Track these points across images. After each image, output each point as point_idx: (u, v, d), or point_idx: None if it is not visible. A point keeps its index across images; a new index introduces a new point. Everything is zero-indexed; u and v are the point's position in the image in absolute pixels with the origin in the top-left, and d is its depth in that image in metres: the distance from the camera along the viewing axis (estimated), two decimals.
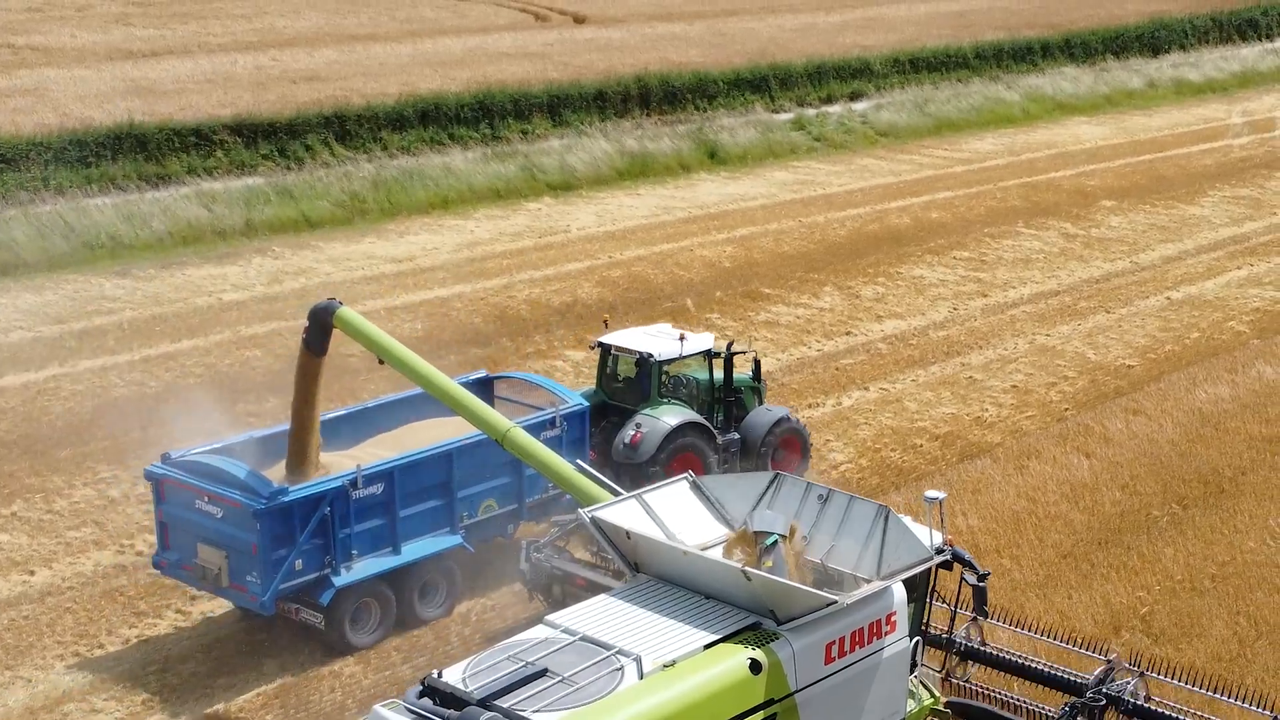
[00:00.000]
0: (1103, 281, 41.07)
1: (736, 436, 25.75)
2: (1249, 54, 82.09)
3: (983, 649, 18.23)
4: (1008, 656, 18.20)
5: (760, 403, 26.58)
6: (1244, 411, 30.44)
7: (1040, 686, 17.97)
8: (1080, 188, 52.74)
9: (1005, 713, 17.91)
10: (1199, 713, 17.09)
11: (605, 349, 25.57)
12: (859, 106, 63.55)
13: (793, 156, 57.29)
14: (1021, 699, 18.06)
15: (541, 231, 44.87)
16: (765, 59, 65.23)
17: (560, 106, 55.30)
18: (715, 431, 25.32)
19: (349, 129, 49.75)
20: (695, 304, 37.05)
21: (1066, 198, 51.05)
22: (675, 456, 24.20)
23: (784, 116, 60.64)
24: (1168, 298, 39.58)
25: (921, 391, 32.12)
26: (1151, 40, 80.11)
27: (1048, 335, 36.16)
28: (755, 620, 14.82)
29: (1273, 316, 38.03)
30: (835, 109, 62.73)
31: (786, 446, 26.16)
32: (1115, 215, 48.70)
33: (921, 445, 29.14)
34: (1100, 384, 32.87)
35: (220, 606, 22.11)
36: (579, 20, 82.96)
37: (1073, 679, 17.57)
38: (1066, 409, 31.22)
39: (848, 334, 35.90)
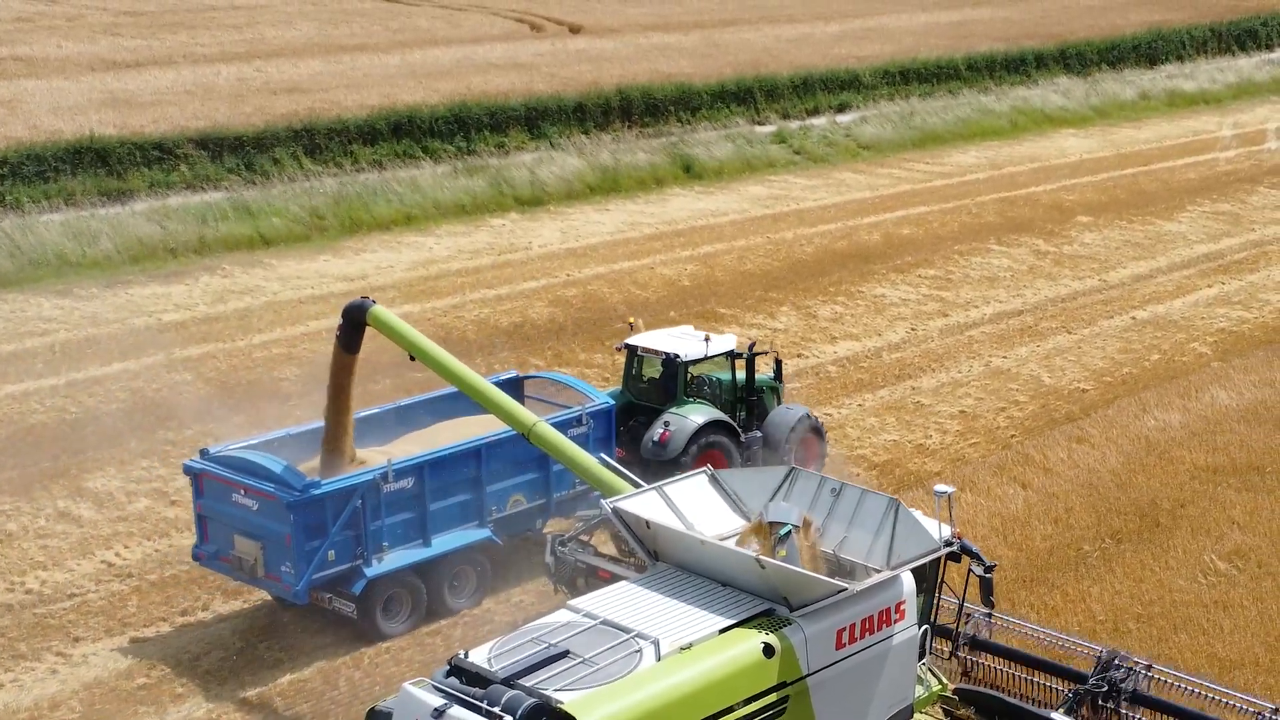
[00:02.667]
0: (1068, 300, 40.21)
1: (758, 434, 26.46)
2: (1245, 65, 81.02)
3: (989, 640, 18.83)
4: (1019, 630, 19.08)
5: (779, 402, 27.37)
6: (1192, 439, 29.61)
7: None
8: (1058, 203, 51.78)
9: (1011, 699, 18.13)
10: (1199, 694, 17.59)
11: (632, 350, 26.40)
12: (843, 119, 62.70)
13: (770, 171, 56.38)
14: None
15: (502, 249, 44.17)
16: (756, 70, 64.39)
17: (538, 119, 54.51)
18: (739, 429, 26.05)
19: (318, 142, 49.08)
20: (646, 325, 36.23)
21: (1042, 213, 50.11)
22: (702, 454, 24.84)
23: (766, 129, 59.80)
24: (1132, 317, 38.70)
25: (866, 417, 31.36)
26: (1149, 51, 79.03)
27: (1004, 357, 35.35)
28: (769, 607, 15.47)
29: (1236, 337, 37.14)
30: (819, 121, 61.90)
31: (805, 444, 26.92)
32: (1090, 231, 47.78)
33: (858, 474, 28.29)
34: (1051, 409, 32.06)
35: (103, 648, 21.50)
36: (574, 30, 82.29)
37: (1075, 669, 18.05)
38: (1013, 435, 30.45)
39: (799, 356, 35.14)
